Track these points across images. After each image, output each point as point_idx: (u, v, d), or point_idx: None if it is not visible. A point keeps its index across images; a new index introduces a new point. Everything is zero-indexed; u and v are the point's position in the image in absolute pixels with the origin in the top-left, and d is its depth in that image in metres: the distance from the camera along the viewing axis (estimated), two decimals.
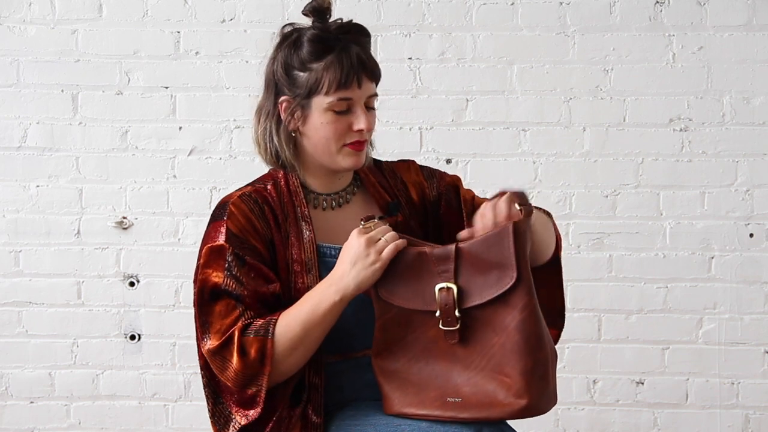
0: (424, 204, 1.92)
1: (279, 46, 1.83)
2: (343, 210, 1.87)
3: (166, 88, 3.19)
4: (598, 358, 3.18)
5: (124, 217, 3.20)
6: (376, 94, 1.82)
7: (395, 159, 2.03)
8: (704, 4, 3.15)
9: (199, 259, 1.79)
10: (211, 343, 1.72)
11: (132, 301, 3.21)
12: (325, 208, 1.86)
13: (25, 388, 3.21)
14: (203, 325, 1.75)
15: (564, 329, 3.24)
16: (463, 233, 1.69)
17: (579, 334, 3.18)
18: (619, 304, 3.18)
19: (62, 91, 3.19)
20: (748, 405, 3.16)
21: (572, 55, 3.17)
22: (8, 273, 3.20)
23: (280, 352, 1.68)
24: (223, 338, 1.70)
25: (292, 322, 1.69)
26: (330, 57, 1.75)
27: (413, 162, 2.00)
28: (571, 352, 3.18)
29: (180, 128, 3.20)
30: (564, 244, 3.16)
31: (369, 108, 1.80)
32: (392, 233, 1.69)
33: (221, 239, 1.76)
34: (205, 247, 1.78)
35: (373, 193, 1.89)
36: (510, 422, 1.72)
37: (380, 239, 1.67)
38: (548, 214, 1.91)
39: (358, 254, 1.67)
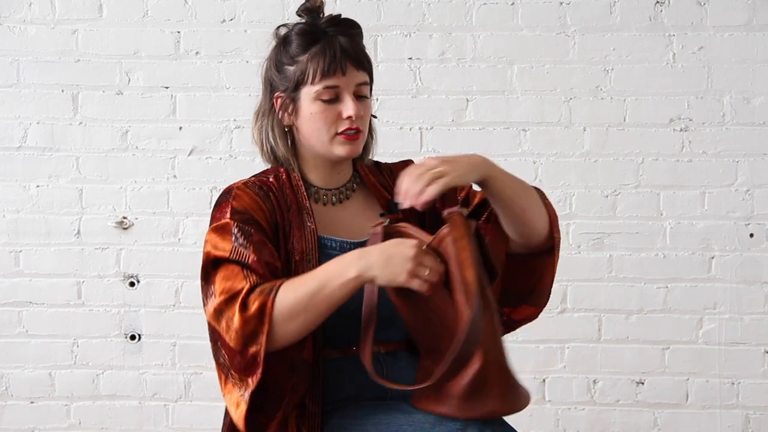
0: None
1: (274, 47, 1.86)
2: (344, 206, 1.88)
3: (166, 88, 3.19)
4: (598, 358, 3.18)
5: (124, 217, 3.20)
6: (366, 83, 1.82)
7: (394, 160, 2.02)
8: (704, 4, 3.15)
9: (205, 244, 1.77)
10: (216, 302, 1.69)
11: (132, 301, 3.21)
12: (325, 203, 1.87)
13: (25, 388, 3.21)
14: (209, 289, 1.72)
15: (564, 329, 3.26)
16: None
17: (579, 334, 3.18)
18: (619, 304, 3.18)
19: (62, 91, 3.20)
20: (748, 405, 3.16)
21: (572, 55, 3.17)
22: (8, 273, 3.20)
23: (280, 313, 1.63)
24: (228, 295, 1.67)
25: (298, 287, 1.65)
26: (315, 48, 1.77)
27: (411, 161, 2.00)
28: (571, 352, 3.18)
29: (180, 128, 3.20)
30: (564, 244, 3.16)
31: (360, 97, 1.81)
32: (438, 273, 1.61)
33: (226, 217, 1.75)
34: (210, 228, 1.77)
35: (373, 191, 1.90)
36: (510, 421, 1.72)
37: (428, 267, 1.60)
38: (538, 191, 1.89)
39: (403, 255, 1.61)
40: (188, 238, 3.19)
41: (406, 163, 1.99)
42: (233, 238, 1.72)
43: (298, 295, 1.64)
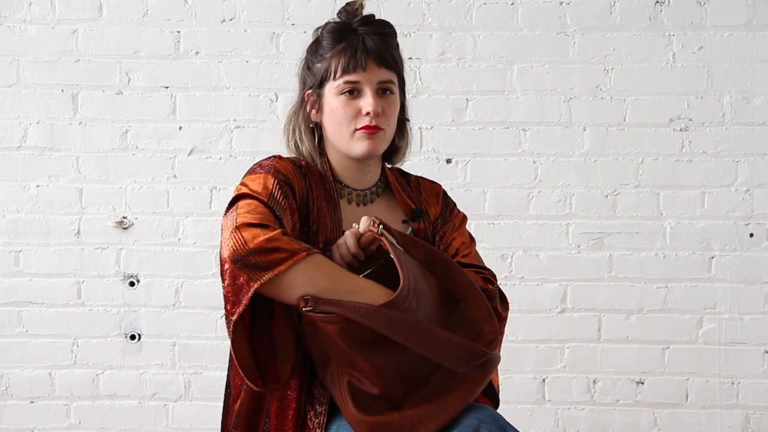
0: (433, 223, 1.95)
1: (308, 46, 1.89)
2: (368, 209, 1.89)
3: (166, 88, 3.19)
4: (598, 358, 3.18)
5: (124, 217, 3.20)
6: (391, 81, 1.83)
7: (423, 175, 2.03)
8: (704, 4, 3.15)
9: (239, 187, 1.75)
10: (247, 218, 1.63)
11: (132, 301, 3.21)
12: (350, 201, 1.88)
13: (25, 388, 3.21)
14: (234, 213, 1.67)
15: (564, 329, 3.26)
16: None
17: (579, 334, 3.18)
18: (619, 304, 3.18)
19: (62, 91, 3.19)
20: (748, 405, 3.16)
21: (572, 55, 3.17)
22: (8, 273, 3.20)
23: (302, 270, 1.60)
24: (262, 222, 1.63)
25: (334, 270, 1.63)
26: (341, 45, 1.80)
27: (440, 187, 2.01)
28: (571, 352, 3.18)
29: (180, 128, 3.20)
30: (564, 244, 3.17)
31: (383, 95, 1.82)
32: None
33: (267, 171, 1.75)
34: (246, 177, 1.76)
35: (398, 198, 1.91)
36: (511, 421, 1.71)
37: None
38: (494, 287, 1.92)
39: None
40: (188, 238, 3.19)
41: (435, 186, 1.99)
42: (272, 190, 1.71)
43: (329, 274, 1.62)
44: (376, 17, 1.86)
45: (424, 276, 1.69)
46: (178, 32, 3.19)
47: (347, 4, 1.86)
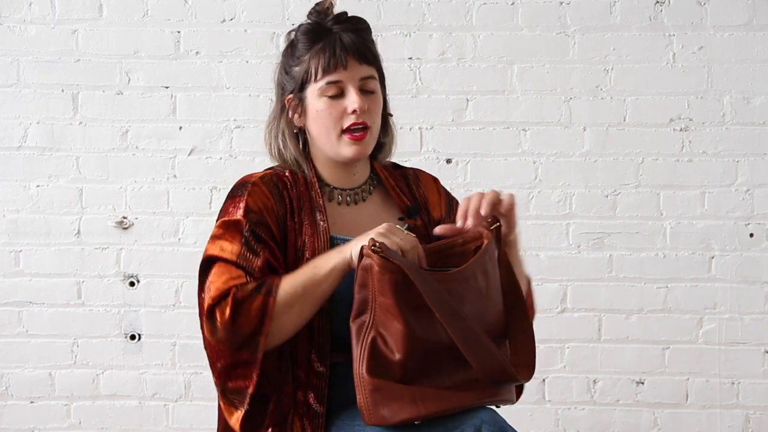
0: (437, 223, 1.92)
1: (283, 51, 1.87)
2: (359, 207, 1.86)
3: (166, 88, 3.20)
4: (598, 358, 3.18)
5: (124, 217, 3.20)
6: (373, 77, 1.81)
7: (395, 161, 2.01)
8: (704, 4, 3.15)
9: (212, 239, 1.77)
10: (208, 300, 1.71)
11: (132, 301, 3.21)
12: (340, 202, 1.85)
13: (25, 388, 3.21)
14: (204, 288, 1.74)
15: (564, 329, 3.26)
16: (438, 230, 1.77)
17: (579, 334, 3.18)
18: (619, 304, 3.18)
19: (62, 91, 3.20)
20: (748, 405, 3.16)
21: (572, 55, 3.17)
22: (8, 273, 3.20)
23: (279, 309, 1.66)
24: (220, 293, 1.69)
25: (294, 282, 1.68)
26: (318, 46, 1.78)
27: (438, 181, 1.99)
28: (571, 352, 3.18)
29: (180, 128, 3.20)
30: (564, 244, 3.17)
31: (366, 91, 1.80)
32: (415, 247, 1.67)
33: (239, 214, 1.75)
34: (220, 221, 1.77)
35: (393, 195, 1.89)
36: (511, 422, 1.71)
37: (402, 240, 1.66)
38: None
39: (379, 228, 1.66)
40: (188, 238, 3.19)
41: (434, 179, 1.98)
42: (243, 240, 1.72)
43: (295, 288, 1.67)
44: (350, 14, 1.83)
45: (497, 294, 1.72)
46: (178, 32, 3.19)
47: (316, 4, 1.83)
